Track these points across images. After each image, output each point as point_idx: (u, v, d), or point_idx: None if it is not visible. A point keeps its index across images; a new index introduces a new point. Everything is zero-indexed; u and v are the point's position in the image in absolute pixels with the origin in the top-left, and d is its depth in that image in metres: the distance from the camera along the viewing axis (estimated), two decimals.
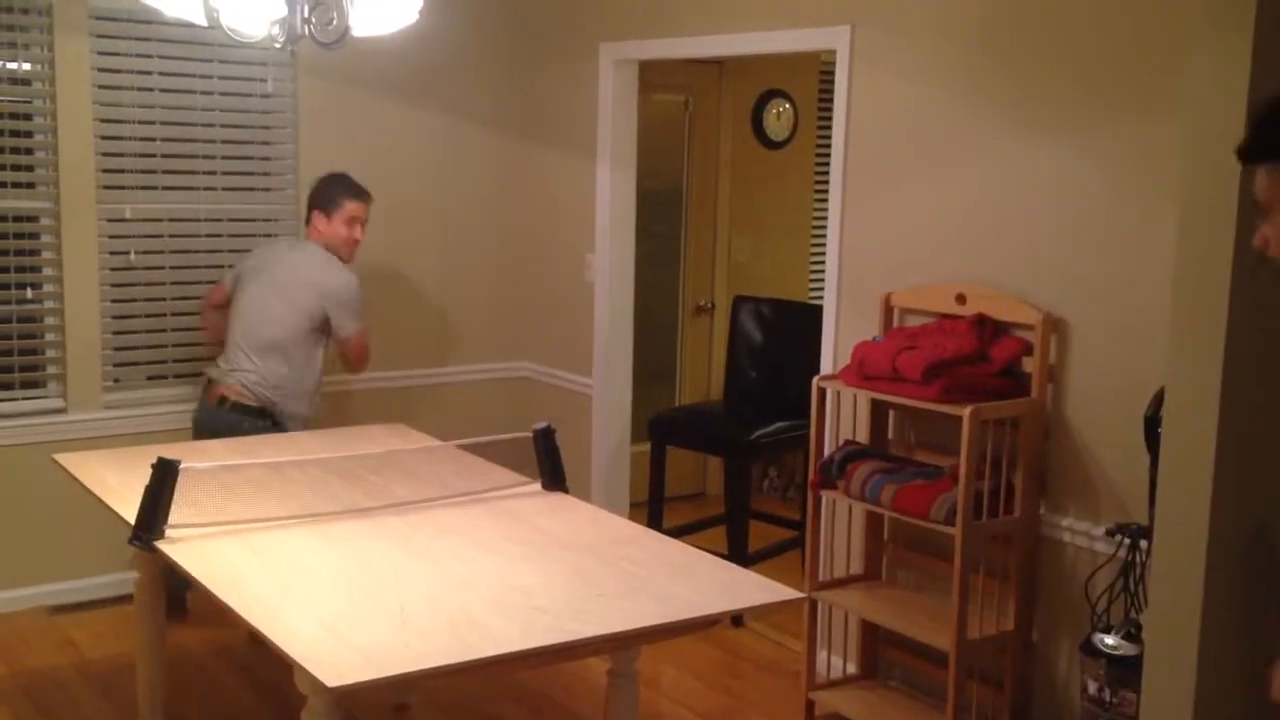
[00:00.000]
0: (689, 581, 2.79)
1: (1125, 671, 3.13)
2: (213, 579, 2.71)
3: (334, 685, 2.18)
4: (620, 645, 2.73)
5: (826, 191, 6.27)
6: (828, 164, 4.25)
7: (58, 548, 4.63)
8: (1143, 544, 3.22)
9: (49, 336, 4.62)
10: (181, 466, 2.95)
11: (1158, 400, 3.07)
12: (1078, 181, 3.44)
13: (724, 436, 5.05)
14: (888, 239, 3.99)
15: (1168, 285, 3.13)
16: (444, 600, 2.63)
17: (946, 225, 3.80)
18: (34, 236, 4.57)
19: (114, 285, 4.65)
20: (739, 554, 4.79)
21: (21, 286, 4.58)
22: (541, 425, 3.48)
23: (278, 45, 3.30)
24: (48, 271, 4.59)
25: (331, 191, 4.49)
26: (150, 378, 4.78)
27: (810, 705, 3.95)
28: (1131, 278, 3.34)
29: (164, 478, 2.93)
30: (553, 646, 2.42)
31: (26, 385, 4.60)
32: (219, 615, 2.61)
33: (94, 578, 4.65)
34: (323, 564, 2.84)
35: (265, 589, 2.67)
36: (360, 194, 4.51)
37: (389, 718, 3.89)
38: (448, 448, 3.80)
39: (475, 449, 3.77)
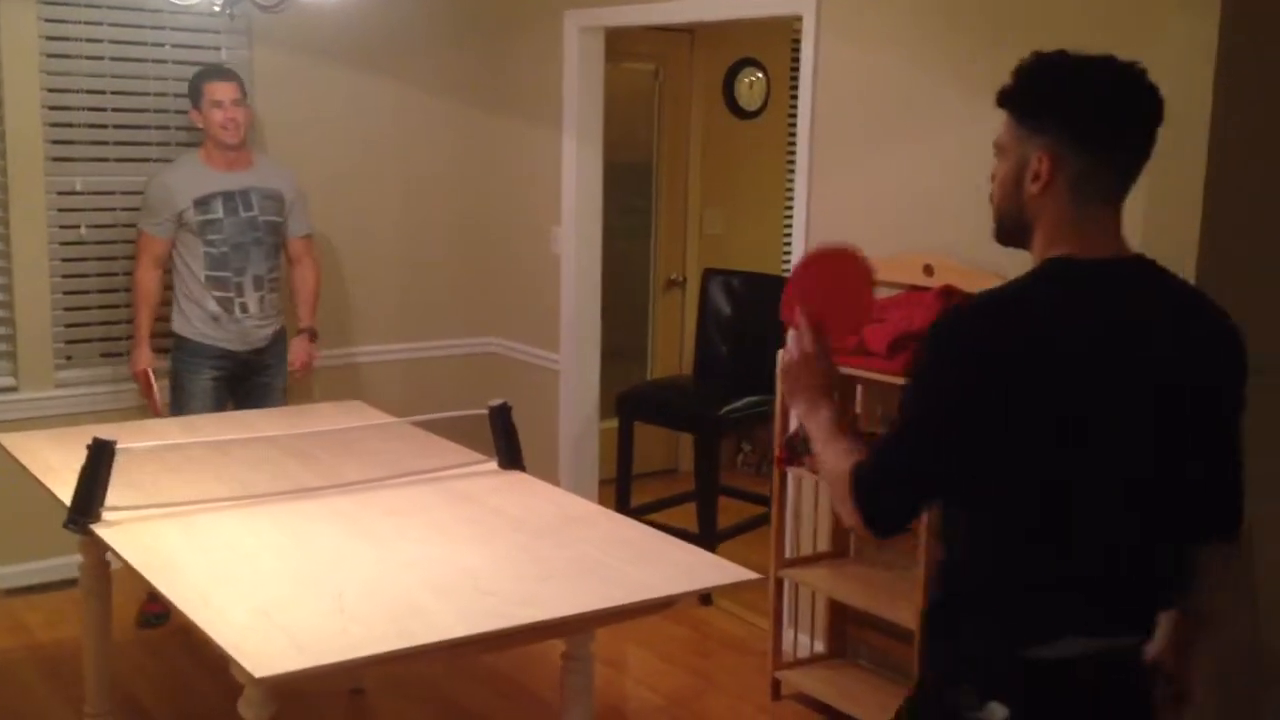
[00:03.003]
0: (644, 563, 2.70)
1: None
2: (147, 564, 2.61)
3: (261, 676, 2.09)
4: (567, 630, 2.64)
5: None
6: None
7: (11, 529, 4.52)
8: None
9: None
10: (118, 447, 2.84)
11: None
12: None
13: (692, 412, 4.96)
14: (855, 210, 3.89)
15: None
16: (386, 584, 2.54)
17: (914, 196, 3.71)
18: None
19: (65, 260, 4.53)
20: (708, 531, 4.72)
21: None
22: (497, 403, 3.38)
23: (216, 9, 3.18)
24: None
25: (193, 84, 4.36)
26: (104, 355, 4.66)
27: (776, 685, 3.89)
28: None
29: (99, 459, 2.82)
30: (495, 633, 2.33)
31: None
32: None
33: (49, 560, 4.53)
34: (264, 547, 2.75)
35: (200, 574, 2.57)
36: (216, 74, 4.37)
37: (345, 701, 3.82)
38: (403, 425, 3.70)
39: (434, 426, 3.68)
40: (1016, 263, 3.47)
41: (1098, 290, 1.76)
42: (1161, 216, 2.62)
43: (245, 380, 4.45)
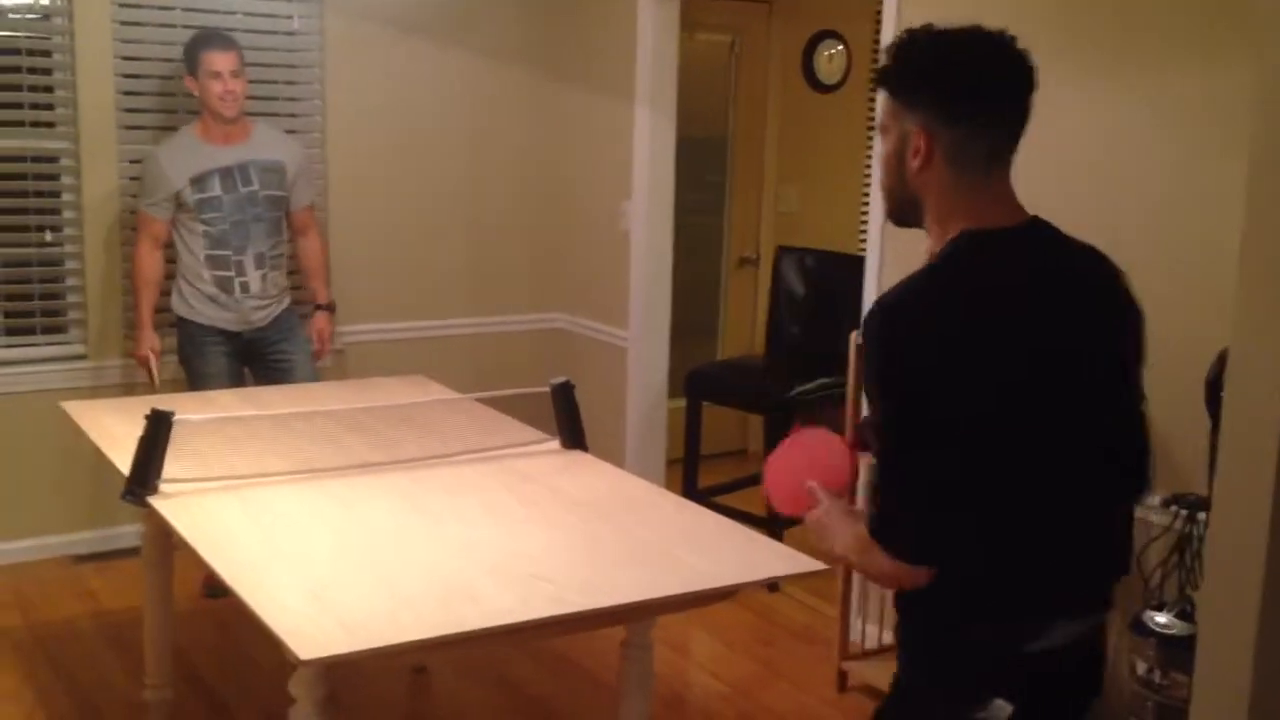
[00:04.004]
0: (705, 550, 2.61)
1: (1177, 652, 2.91)
2: (201, 539, 2.57)
3: (307, 658, 2.03)
4: (624, 618, 2.56)
5: None
6: None
7: (82, 496, 4.55)
8: (1201, 516, 2.99)
9: (69, 281, 4.52)
10: (175, 419, 2.81)
11: (1221, 362, 2.84)
12: (1134, 129, 3.18)
13: (761, 393, 4.85)
14: None
15: (1226, 238, 2.88)
16: (441, 566, 2.47)
17: None
18: (54, 178, 4.46)
19: (135, 229, 4.52)
20: (776, 515, 4.60)
21: (41, 229, 4.48)
22: (560, 380, 3.30)
23: None
24: (68, 214, 4.48)
25: (190, 51, 4.18)
26: (172, 325, 4.65)
27: (843, 676, 3.78)
28: (1186, 231, 3.09)
29: (157, 430, 2.79)
30: (549, 619, 2.25)
31: (47, 330, 4.52)
32: None
33: (119, 527, 4.57)
34: (319, 524, 2.70)
35: (254, 550, 2.53)
36: (215, 42, 4.16)
37: (408, 678, 3.78)
38: (465, 401, 3.64)
39: (497, 402, 3.61)
40: (1103, 246, 3.31)
41: (1011, 259, 1.77)
42: (1266, 192, 2.45)
43: (257, 360, 4.34)
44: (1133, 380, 1.86)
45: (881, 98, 1.84)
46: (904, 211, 1.85)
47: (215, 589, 4.19)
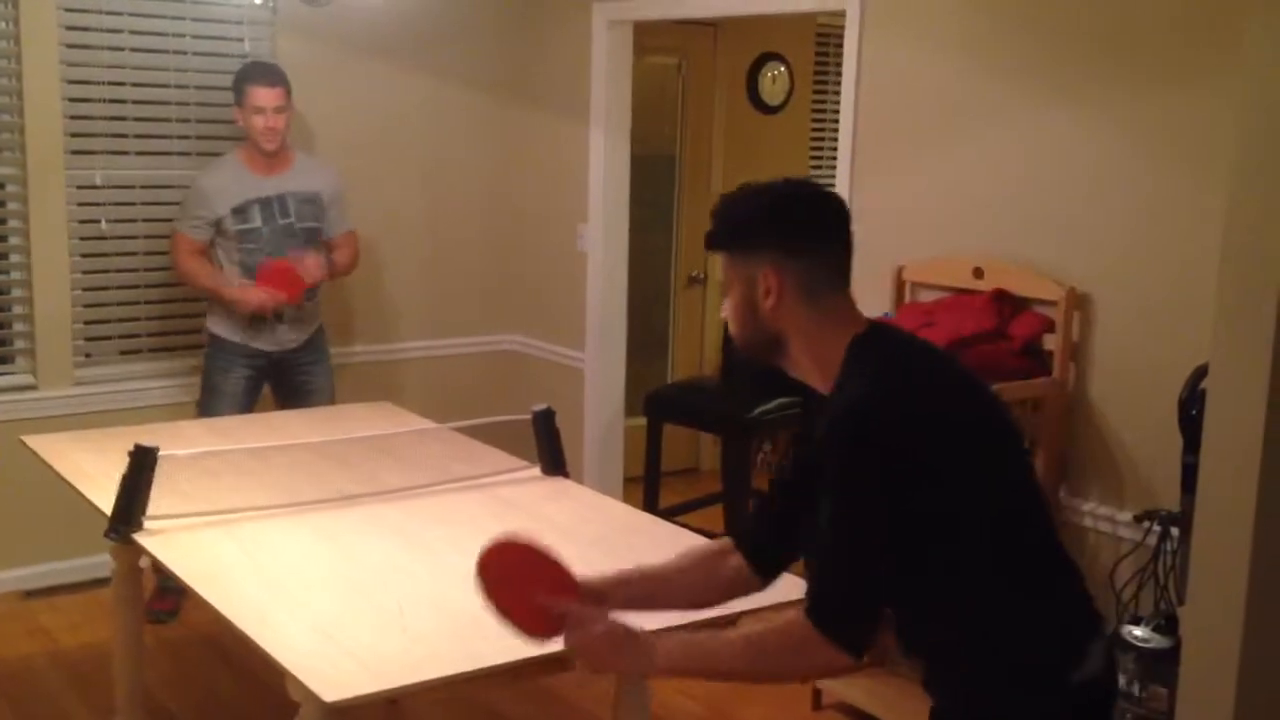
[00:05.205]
0: None
1: (1156, 665, 2.99)
2: (196, 576, 2.52)
3: (333, 700, 2.01)
4: None
5: (821, 158, 6.09)
6: (823, 129, 4.08)
7: (29, 530, 4.43)
8: (1173, 531, 3.08)
9: (16, 309, 4.40)
10: (160, 453, 2.75)
11: (1193, 381, 2.93)
12: (1105, 151, 3.28)
13: (723, 414, 4.88)
14: (900, 209, 3.82)
15: (1199, 261, 2.99)
16: (445, 599, 2.45)
17: (963, 195, 3.63)
18: None
19: (84, 255, 4.44)
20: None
21: None
22: (541, 407, 3.30)
23: (258, 1, 3.09)
24: (14, 241, 4.37)
25: (238, 83, 4.22)
26: (124, 352, 4.58)
27: (817, 694, 3.82)
28: (1161, 252, 3.18)
29: (141, 466, 2.73)
30: (569, 651, 2.24)
31: None
32: (202, 604, 2.43)
33: (68, 560, 4.45)
34: (313, 558, 2.66)
35: (252, 588, 2.48)
36: (260, 77, 4.20)
37: (381, 710, 3.73)
38: (441, 429, 3.61)
39: (467, 430, 3.59)
40: (1073, 267, 3.39)
41: (914, 351, 1.92)
42: (1246, 217, 2.54)
43: (282, 379, 4.39)
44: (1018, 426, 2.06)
45: (720, 259, 1.93)
46: (765, 350, 1.91)
47: (157, 614, 4.11)
